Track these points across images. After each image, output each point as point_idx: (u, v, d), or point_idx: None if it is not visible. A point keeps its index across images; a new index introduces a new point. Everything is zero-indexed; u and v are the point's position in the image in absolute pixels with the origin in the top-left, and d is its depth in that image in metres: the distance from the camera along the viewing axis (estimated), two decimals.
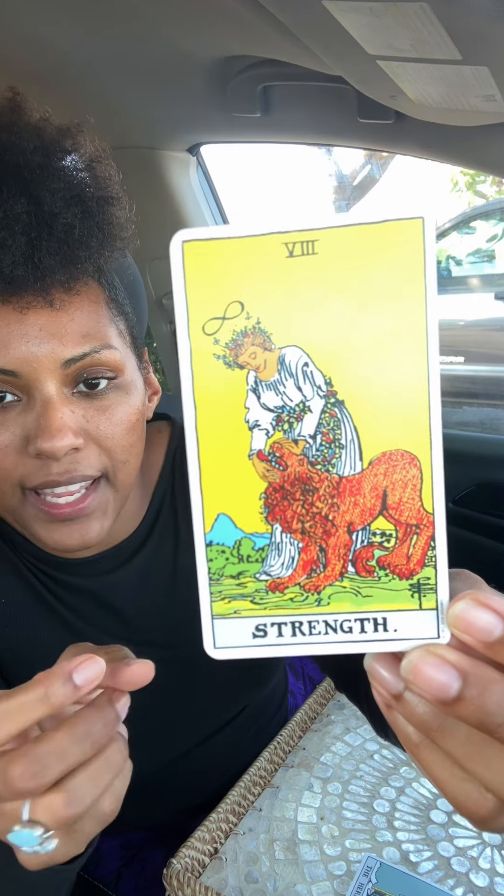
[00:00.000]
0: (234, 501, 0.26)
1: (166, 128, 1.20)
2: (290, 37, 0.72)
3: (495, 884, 0.54)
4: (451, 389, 4.11)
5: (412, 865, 0.56)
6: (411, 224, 0.25)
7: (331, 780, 0.65)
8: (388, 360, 0.25)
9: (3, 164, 0.46)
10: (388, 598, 0.26)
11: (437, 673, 0.24)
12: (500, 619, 0.24)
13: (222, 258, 0.25)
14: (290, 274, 0.25)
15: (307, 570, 0.27)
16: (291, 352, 0.26)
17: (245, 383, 0.26)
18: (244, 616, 0.27)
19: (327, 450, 0.26)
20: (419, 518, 0.26)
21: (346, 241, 0.25)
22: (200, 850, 0.58)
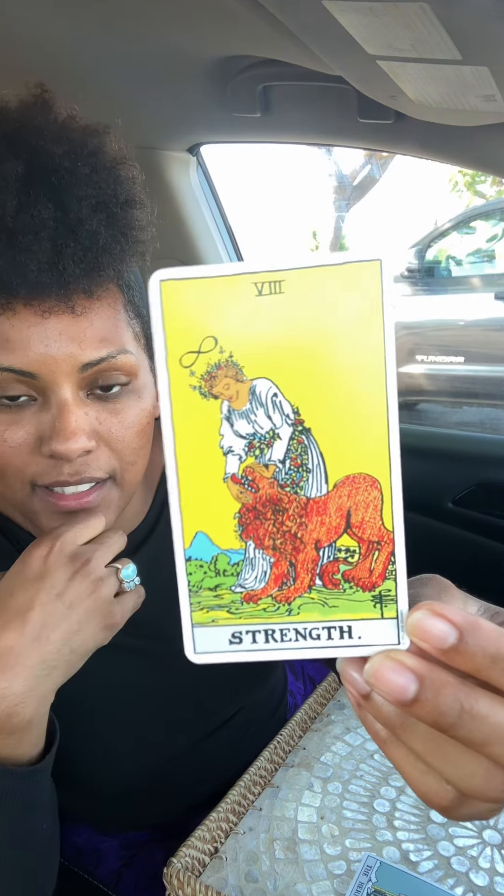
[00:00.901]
0: (211, 520, 0.29)
1: (166, 128, 1.20)
2: (290, 37, 0.72)
3: (495, 883, 0.54)
4: (451, 389, 4.11)
5: (412, 865, 0.56)
6: (370, 265, 0.27)
7: (331, 780, 0.65)
8: (351, 392, 0.28)
9: (32, 169, 0.46)
10: (353, 608, 0.29)
11: (395, 676, 0.26)
12: (454, 628, 0.25)
13: (197, 296, 0.28)
14: (259, 311, 0.28)
15: (278, 583, 0.29)
16: (262, 383, 0.28)
17: (219, 412, 0.28)
18: (221, 624, 0.30)
19: (295, 473, 0.29)
20: (380, 535, 0.28)
21: (310, 281, 0.27)
22: (200, 850, 0.58)
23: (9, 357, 0.47)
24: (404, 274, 4.34)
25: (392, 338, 0.28)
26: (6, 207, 0.45)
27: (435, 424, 4.07)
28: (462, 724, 0.26)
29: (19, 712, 0.44)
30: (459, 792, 0.27)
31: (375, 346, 0.27)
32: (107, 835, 0.80)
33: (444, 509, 1.40)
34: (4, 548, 0.63)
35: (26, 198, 0.45)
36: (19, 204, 0.45)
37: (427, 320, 4.24)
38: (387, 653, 0.27)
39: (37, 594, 0.46)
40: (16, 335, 0.47)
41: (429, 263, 4.33)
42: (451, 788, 0.28)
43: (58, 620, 0.46)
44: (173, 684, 0.67)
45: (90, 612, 0.48)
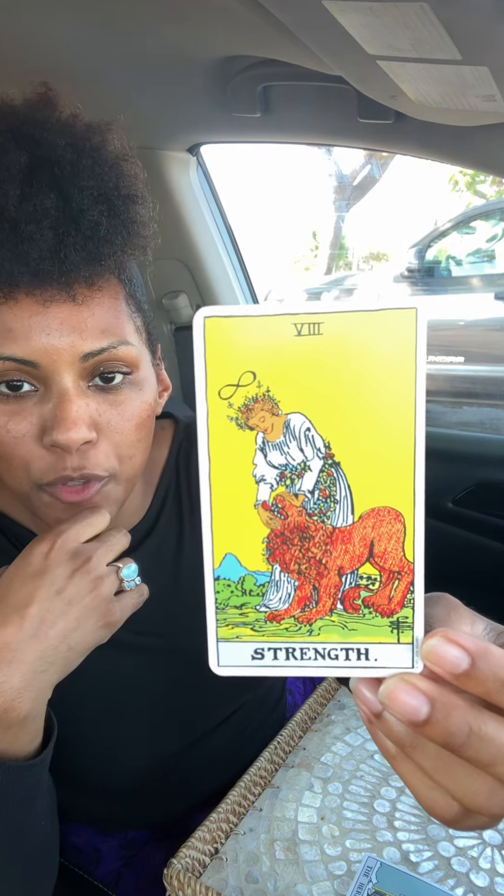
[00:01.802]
0: (240, 543, 0.31)
1: (166, 128, 1.20)
2: (290, 37, 0.72)
3: (496, 884, 0.54)
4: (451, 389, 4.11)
5: (412, 865, 0.56)
6: (406, 313, 0.29)
7: (331, 780, 0.65)
8: (381, 430, 0.29)
9: (35, 160, 0.47)
10: (371, 632, 0.31)
11: (409, 698, 0.27)
12: (466, 654, 0.27)
13: (238, 333, 0.29)
14: (297, 350, 0.29)
15: (301, 605, 0.31)
16: (296, 418, 0.30)
17: (254, 443, 0.30)
18: (245, 641, 0.31)
19: (323, 504, 0.30)
20: (401, 566, 0.30)
21: (348, 324, 0.29)
22: (201, 850, 0.58)
23: (10, 346, 0.48)
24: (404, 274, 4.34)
25: (423, 382, 0.29)
26: (9, 197, 0.45)
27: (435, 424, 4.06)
28: (470, 744, 0.27)
29: (16, 707, 0.44)
30: (464, 807, 0.29)
31: (407, 390, 0.29)
32: (106, 835, 0.80)
33: (444, 509, 1.40)
34: (3, 546, 0.63)
35: (29, 188, 0.46)
36: (22, 194, 0.46)
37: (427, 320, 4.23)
38: (401, 676, 0.29)
39: (36, 590, 0.46)
40: (17, 324, 0.48)
41: (429, 263, 4.32)
42: (456, 804, 0.29)
43: (56, 617, 0.46)
44: (173, 681, 0.67)
45: (89, 609, 0.48)
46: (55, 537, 0.49)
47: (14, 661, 0.44)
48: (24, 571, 0.48)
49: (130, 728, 0.67)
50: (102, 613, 0.49)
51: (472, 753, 0.27)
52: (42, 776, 0.49)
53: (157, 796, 0.74)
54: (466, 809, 0.29)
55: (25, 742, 0.47)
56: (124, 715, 0.67)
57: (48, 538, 0.49)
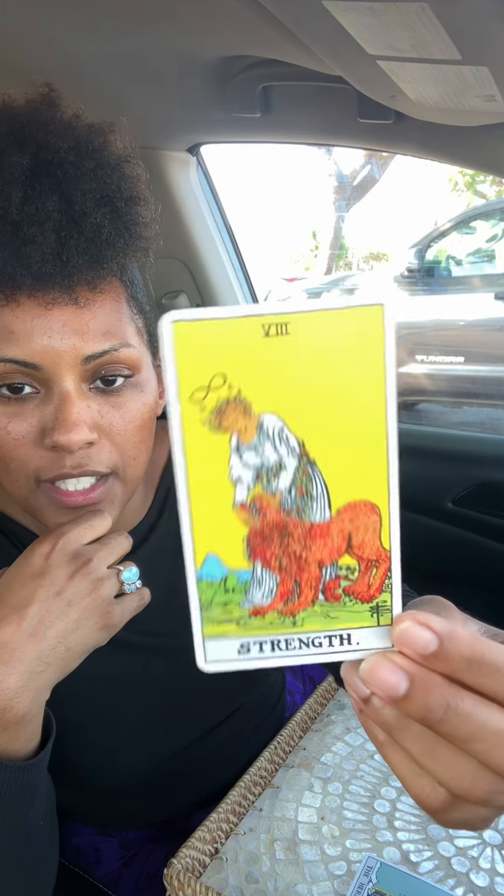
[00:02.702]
0: (221, 543, 0.31)
1: (166, 128, 1.20)
2: (290, 37, 0.72)
3: (496, 884, 0.54)
4: (451, 389, 4.11)
5: (413, 865, 0.56)
6: (373, 310, 0.29)
7: (331, 780, 0.65)
8: (353, 427, 0.30)
9: (38, 162, 0.47)
10: (352, 618, 0.32)
11: (388, 675, 0.29)
12: (435, 636, 0.28)
13: (207, 336, 0.29)
14: (266, 351, 0.29)
15: (284, 598, 0.32)
16: (269, 418, 0.30)
17: (228, 444, 0.30)
18: (230, 636, 0.32)
19: (301, 501, 0.31)
20: (378, 554, 0.31)
21: (315, 323, 0.29)
22: (201, 850, 0.58)
23: (12, 349, 0.48)
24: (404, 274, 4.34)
25: (393, 377, 0.29)
26: (12, 200, 0.45)
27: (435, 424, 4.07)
28: (448, 720, 0.28)
29: (14, 707, 0.44)
30: (450, 793, 0.30)
31: (377, 386, 0.29)
32: (106, 835, 0.80)
33: (444, 509, 1.40)
34: (6, 548, 0.63)
35: (31, 190, 0.46)
36: (24, 196, 0.46)
37: (427, 320, 4.24)
38: (381, 654, 0.30)
39: (36, 590, 0.47)
40: (20, 327, 0.48)
41: (429, 263, 4.32)
42: (443, 790, 0.30)
43: (55, 617, 0.46)
44: (174, 680, 0.67)
45: (88, 611, 0.48)
46: (56, 538, 0.49)
47: (12, 661, 0.45)
48: (24, 572, 0.48)
49: (131, 727, 0.67)
50: (101, 615, 0.49)
51: (450, 729, 0.28)
52: (41, 776, 0.50)
53: (157, 796, 0.74)
54: (454, 796, 0.30)
55: (24, 742, 0.47)
56: (125, 714, 0.67)
57: (49, 539, 0.49)
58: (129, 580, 0.53)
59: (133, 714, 0.67)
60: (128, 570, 0.52)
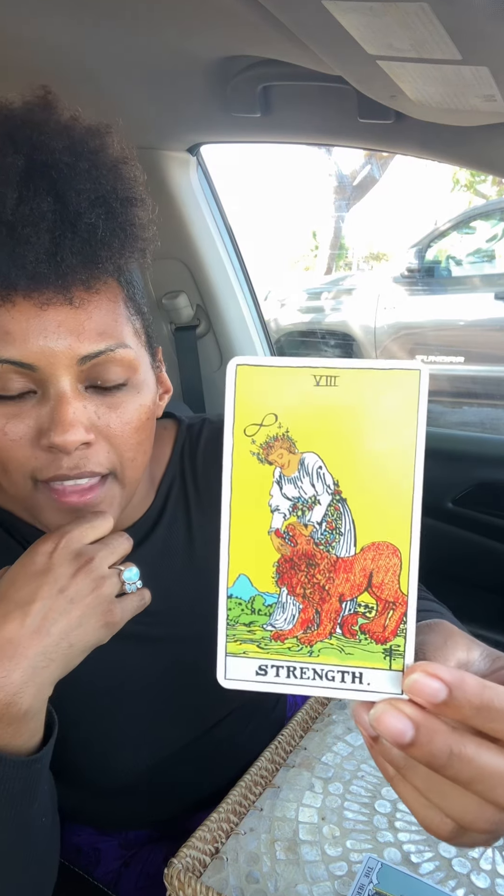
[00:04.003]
0: (253, 566, 0.34)
1: (166, 128, 1.20)
2: (290, 37, 0.72)
3: (496, 885, 0.54)
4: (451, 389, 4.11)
5: (413, 866, 0.55)
6: (411, 373, 0.32)
7: (332, 781, 0.65)
8: (385, 473, 0.33)
9: (33, 163, 0.47)
10: (366, 657, 0.33)
11: (395, 722, 0.30)
12: (444, 685, 0.30)
13: (264, 380, 0.33)
14: (315, 398, 0.33)
15: (304, 626, 0.34)
16: (310, 457, 0.33)
17: (272, 476, 0.34)
18: (251, 657, 0.34)
19: (329, 535, 0.33)
20: (396, 597, 0.33)
21: (361, 379, 0.33)
22: (201, 850, 0.58)
23: (8, 349, 0.48)
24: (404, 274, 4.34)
25: (423, 432, 0.32)
26: (6, 200, 0.46)
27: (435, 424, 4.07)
28: (451, 765, 0.30)
29: (17, 702, 0.45)
30: (457, 824, 0.31)
31: (409, 438, 0.32)
32: (106, 834, 0.80)
33: (444, 509, 1.40)
34: (10, 546, 0.63)
35: (26, 191, 0.46)
36: (20, 197, 0.46)
37: (427, 320, 4.23)
38: (390, 701, 0.31)
39: (39, 588, 0.47)
40: (15, 327, 0.48)
41: (429, 263, 4.32)
42: (450, 821, 0.31)
43: (58, 614, 0.47)
44: (172, 678, 0.67)
45: (90, 608, 0.49)
46: (59, 537, 0.49)
47: (15, 657, 0.45)
48: (28, 569, 0.48)
49: (130, 727, 0.67)
50: (103, 613, 0.49)
51: (453, 773, 0.30)
52: (43, 772, 0.50)
53: (157, 796, 0.74)
54: (460, 826, 0.31)
55: (26, 738, 0.47)
56: (124, 713, 0.67)
57: (53, 538, 0.49)
58: (130, 580, 0.53)
59: (132, 713, 0.67)
60: (128, 570, 0.53)
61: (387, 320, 4.31)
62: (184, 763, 0.72)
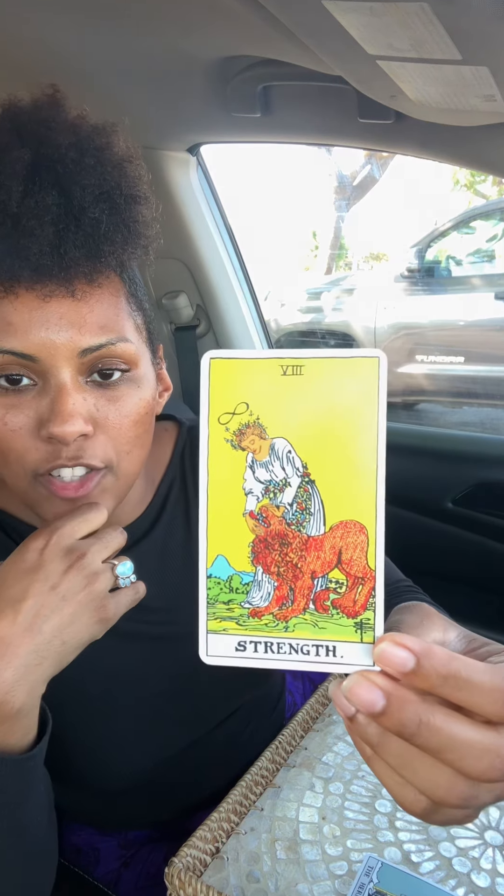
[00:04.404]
0: (230, 546, 0.36)
1: (166, 128, 1.20)
2: (290, 37, 0.72)
3: (497, 884, 0.54)
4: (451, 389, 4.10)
5: (414, 865, 0.56)
6: (370, 360, 0.35)
7: (332, 780, 0.65)
8: (349, 455, 0.35)
9: (39, 157, 0.48)
10: (338, 631, 0.35)
11: (367, 693, 0.31)
12: (411, 654, 0.31)
13: (236, 371, 0.35)
14: (283, 386, 0.35)
15: (279, 603, 0.36)
16: (280, 442, 0.35)
17: (245, 461, 0.35)
18: (230, 633, 0.36)
19: (300, 515, 0.35)
20: (364, 573, 0.35)
21: (324, 367, 0.35)
22: (202, 850, 0.58)
23: (10, 340, 0.48)
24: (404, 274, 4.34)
25: (384, 415, 0.34)
26: (12, 193, 0.46)
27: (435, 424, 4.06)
28: (420, 733, 0.31)
29: (9, 700, 0.45)
30: (430, 800, 0.32)
31: (371, 421, 0.34)
32: (106, 834, 0.80)
33: (444, 509, 1.40)
34: (10, 547, 0.63)
35: (32, 185, 0.47)
36: (25, 190, 0.47)
37: (427, 320, 4.23)
38: (362, 672, 0.32)
39: (31, 585, 0.47)
40: (17, 319, 0.48)
41: (429, 263, 4.32)
42: (423, 798, 0.33)
43: (50, 612, 0.47)
44: (177, 675, 0.68)
45: (83, 605, 0.48)
46: (50, 533, 0.49)
47: (7, 655, 0.45)
48: (18, 567, 0.48)
49: (132, 726, 0.67)
50: (96, 609, 0.49)
51: (423, 741, 0.31)
52: (37, 769, 0.50)
53: (157, 796, 0.74)
54: (434, 803, 0.32)
55: (19, 736, 0.47)
56: (124, 713, 0.67)
57: (44, 534, 0.49)
58: (124, 574, 0.53)
59: (131, 714, 0.67)
60: (122, 565, 0.53)
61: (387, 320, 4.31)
62: (183, 764, 0.72)
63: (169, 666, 0.67)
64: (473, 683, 0.31)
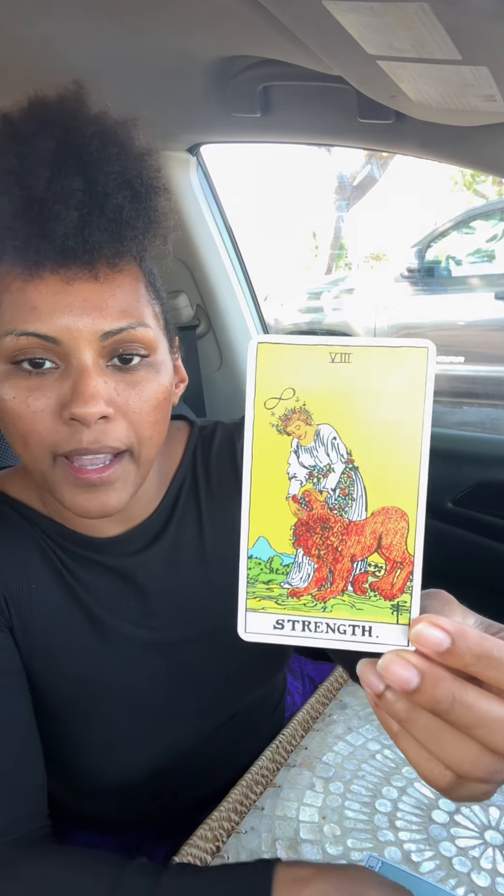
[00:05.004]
0: (272, 528, 0.36)
1: (166, 128, 1.21)
2: (290, 37, 0.72)
3: (497, 884, 0.54)
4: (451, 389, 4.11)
5: (414, 865, 0.56)
6: (420, 350, 0.35)
7: (333, 780, 0.65)
8: (394, 443, 0.35)
9: (64, 145, 0.49)
10: (375, 612, 0.36)
11: (402, 670, 0.32)
12: (447, 635, 0.32)
13: (284, 357, 0.36)
14: (330, 374, 0.35)
15: (318, 584, 0.36)
16: (325, 428, 0.36)
17: (290, 446, 0.36)
18: (269, 612, 0.36)
19: (342, 500, 0.36)
20: (403, 558, 0.35)
21: (372, 356, 0.35)
22: (203, 849, 0.58)
23: (34, 323, 0.50)
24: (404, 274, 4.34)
25: (430, 405, 0.35)
26: (39, 178, 0.48)
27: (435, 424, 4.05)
28: (453, 710, 0.32)
29: None
30: (455, 774, 0.33)
31: (417, 411, 0.35)
32: (106, 835, 0.80)
33: (444, 509, 1.40)
34: (31, 533, 0.63)
35: (58, 171, 0.48)
36: (51, 176, 0.48)
37: (427, 320, 4.24)
38: (397, 651, 0.34)
39: None
40: (42, 302, 0.50)
41: (429, 263, 4.32)
42: (449, 773, 0.34)
43: None
44: (183, 677, 0.68)
45: None
46: None
47: None
48: None
49: (136, 726, 0.67)
50: None
51: (455, 718, 0.32)
52: None
53: (158, 796, 0.74)
54: (458, 777, 0.33)
55: None
56: (132, 712, 0.67)
57: None
58: None
59: (136, 714, 0.67)
60: None
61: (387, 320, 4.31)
62: (186, 764, 0.72)
63: (176, 664, 0.67)
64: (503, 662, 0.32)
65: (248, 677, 0.73)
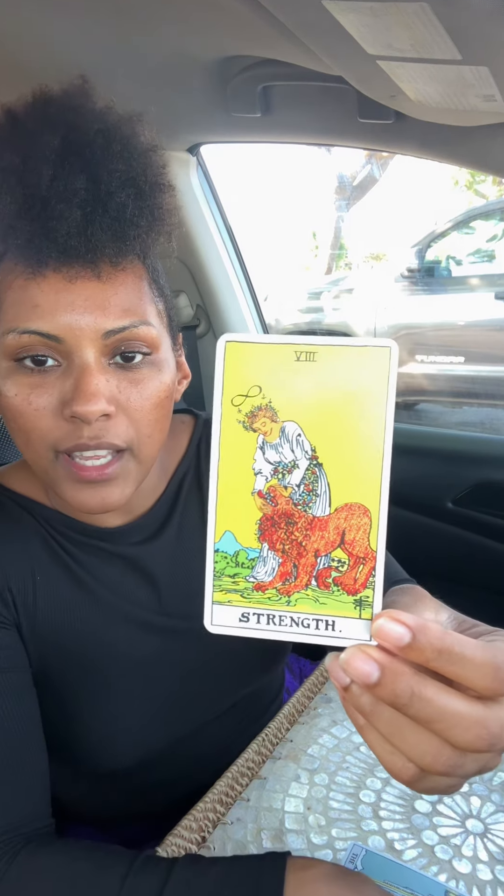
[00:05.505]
0: (238, 523, 0.37)
1: (166, 128, 1.21)
2: (290, 37, 0.73)
3: (477, 870, 0.55)
4: (451, 389, 4.11)
5: (397, 853, 0.56)
6: (382, 350, 0.36)
7: (318, 772, 0.66)
8: (357, 440, 0.36)
9: (68, 143, 0.49)
10: (338, 607, 0.36)
11: (363, 665, 0.33)
12: (408, 630, 0.32)
13: (251, 355, 0.36)
14: (295, 372, 0.36)
15: (283, 578, 0.37)
16: (290, 425, 0.36)
17: (255, 442, 0.37)
18: (234, 605, 0.37)
19: (307, 496, 0.36)
20: (366, 553, 0.36)
21: (337, 354, 0.36)
22: (188, 839, 0.58)
23: (37, 322, 0.50)
24: (404, 274, 4.34)
25: (393, 403, 0.36)
26: (42, 176, 0.48)
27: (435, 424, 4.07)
28: (412, 704, 0.32)
29: None
30: (418, 767, 0.34)
31: (380, 409, 0.36)
32: (106, 834, 0.81)
33: (444, 509, 1.40)
34: (34, 526, 0.64)
35: (61, 169, 0.48)
36: (54, 174, 0.48)
37: (427, 320, 4.24)
38: (359, 646, 0.34)
39: None
40: (44, 300, 0.50)
41: (429, 263, 4.32)
42: (412, 766, 0.34)
43: None
44: (187, 664, 0.68)
45: None
46: None
47: None
48: None
49: (139, 710, 0.68)
50: None
51: (414, 712, 0.32)
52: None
53: (152, 786, 0.75)
54: (421, 770, 0.34)
55: None
56: (135, 694, 0.67)
57: None
58: None
59: (139, 696, 0.68)
60: None
61: (387, 320, 4.31)
62: (181, 754, 0.72)
63: (177, 654, 0.68)
64: (465, 658, 0.32)
65: (249, 667, 0.73)
